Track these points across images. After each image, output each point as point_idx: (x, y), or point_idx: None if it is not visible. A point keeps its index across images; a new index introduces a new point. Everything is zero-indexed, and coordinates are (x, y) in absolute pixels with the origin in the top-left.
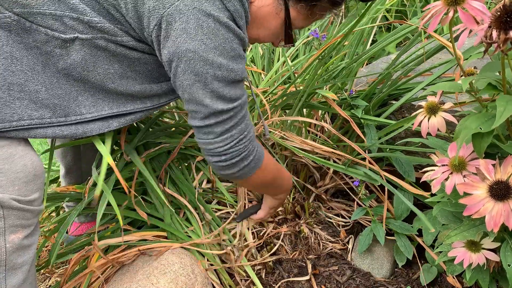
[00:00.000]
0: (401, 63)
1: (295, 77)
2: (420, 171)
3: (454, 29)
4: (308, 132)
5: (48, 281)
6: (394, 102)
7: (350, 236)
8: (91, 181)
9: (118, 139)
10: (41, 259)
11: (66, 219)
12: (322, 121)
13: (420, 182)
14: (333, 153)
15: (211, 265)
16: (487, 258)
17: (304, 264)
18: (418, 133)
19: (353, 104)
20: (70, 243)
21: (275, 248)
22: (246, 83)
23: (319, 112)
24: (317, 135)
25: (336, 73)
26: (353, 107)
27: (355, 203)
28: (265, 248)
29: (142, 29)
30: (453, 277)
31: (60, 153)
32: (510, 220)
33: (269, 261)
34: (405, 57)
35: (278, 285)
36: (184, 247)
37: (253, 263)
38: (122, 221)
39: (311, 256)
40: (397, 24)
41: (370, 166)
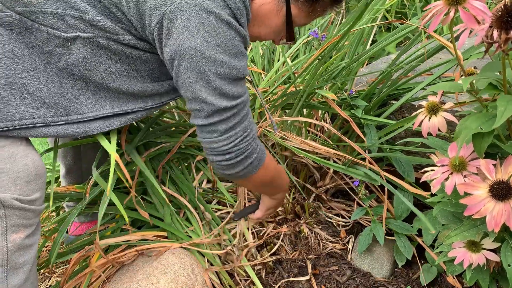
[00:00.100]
0: (401, 63)
1: (295, 77)
2: (420, 171)
3: (455, 29)
4: (308, 132)
5: (48, 281)
6: (394, 102)
7: (350, 236)
8: (92, 181)
9: (119, 139)
10: (41, 259)
11: (66, 218)
12: (322, 121)
13: (420, 182)
14: (333, 153)
15: (211, 265)
16: (487, 258)
17: (304, 264)
18: (418, 133)
19: (353, 104)
20: (70, 243)
21: (275, 248)
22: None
23: (319, 112)
24: (317, 135)
25: (336, 73)
26: (353, 107)
27: (355, 203)
28: (265, 248)
29: (144, 28)
30: (453, 277)
31: (60, 153)
32: (511, 220)
33: (269, 261)
34: (405, 57)
35: (278, 285)
36: (184, 247)
37: (253, 263)
38: (127, 219)
39: (311, 256)
40: (397, 24)
41: (370, 166)
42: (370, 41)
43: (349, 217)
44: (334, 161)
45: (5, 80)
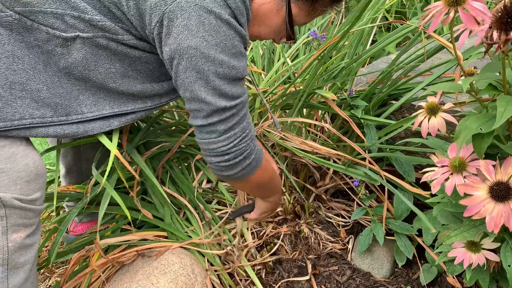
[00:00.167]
0: (401, 63)
1: (295, 77)
2: (420, 171)
3: (455, 29)
4: (308, 132)
5: (48, 281)
6: (394, 102)
7: (350, 236)
8: (93, 180)
9: (119, 139)
10: (41, 258)
11: (66, 218)
12: (322, 121)
13: (420, 182)
14: (333, 153)
15: (211, 265)
16: (487, 259)
17: (304, 264)
18: (418, 133)
19: (353, 104)
20: (70, 242)
21: (275, 248)
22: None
23: (319, 112)
24: (317, 135)
25: (336, 73)
26: (353, 107)
27: (355, 203)
28: (265, 248)
29: (144, 27)
30: (453, 277)
31: (60, 153)
32: (510, 221)
33: (269, 261)
34: (405, 57)
35: (278, 285)
36: (184, 247)
37: (253, 263)
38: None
39: (311, 256)
40: (397, 24)
41: (370, 166)
42: (370, 41)
43: (349, 217)
44: (334, 161)
45: (4, 80)
